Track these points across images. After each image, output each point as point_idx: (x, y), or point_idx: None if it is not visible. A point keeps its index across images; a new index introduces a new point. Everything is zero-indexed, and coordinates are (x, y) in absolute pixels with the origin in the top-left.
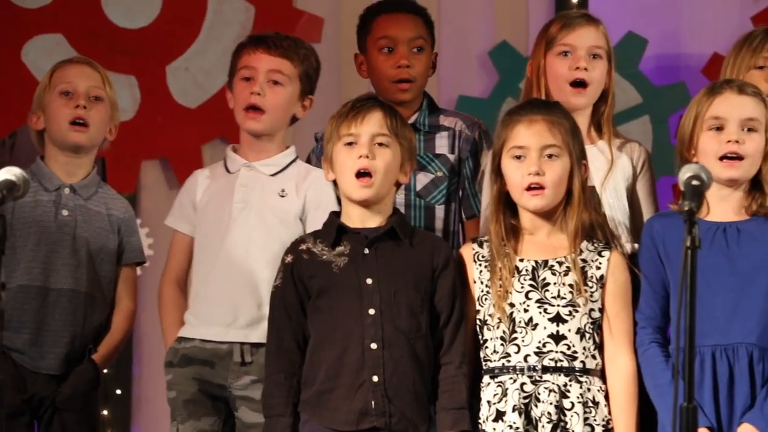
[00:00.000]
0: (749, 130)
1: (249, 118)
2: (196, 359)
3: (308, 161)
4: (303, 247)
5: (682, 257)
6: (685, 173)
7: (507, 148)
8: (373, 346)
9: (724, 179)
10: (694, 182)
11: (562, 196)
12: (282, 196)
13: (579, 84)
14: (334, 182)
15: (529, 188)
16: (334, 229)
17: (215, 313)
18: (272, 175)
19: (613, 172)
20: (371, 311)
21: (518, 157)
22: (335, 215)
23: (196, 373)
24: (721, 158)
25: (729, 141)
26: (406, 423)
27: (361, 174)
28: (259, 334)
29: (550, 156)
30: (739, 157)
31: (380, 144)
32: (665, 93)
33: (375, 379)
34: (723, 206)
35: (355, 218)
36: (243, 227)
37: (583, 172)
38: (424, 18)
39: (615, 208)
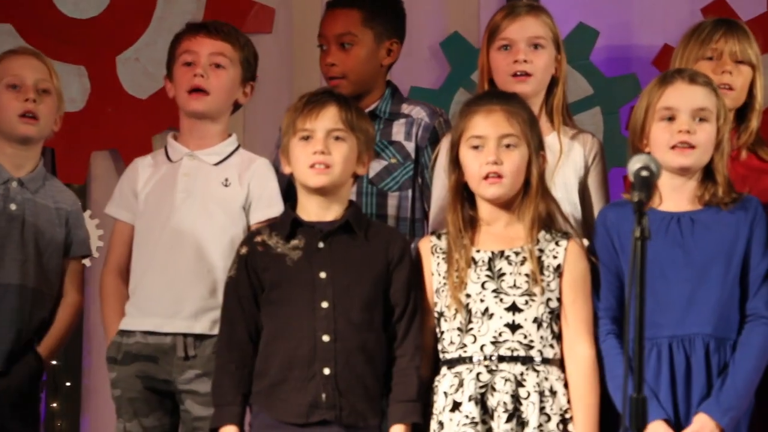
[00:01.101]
0: (701, 119)
1: (192, 99)
2: (140, 356)
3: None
4: (258, 239)
5: (631, 247)
6: (635, 164)
7: (465, 138)
8: (325, 338)
9: (676, 167)
10: (644, 173)
11: (520, 186)
12: (225, 186)
13: (522, 76)
14: (292, 175)
15: (486, 177)
16: (289, 222)
17: (157, 304)
18: (215, 165)
19: (562, 163)
20: (324, 304)
21: (476, 147)
22: (291, 208)
23: (140, 370)
24: (673, 147)
25: (680, 131)
26: (357, 416)
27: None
28: (203, 325)
29: (508, 146)
30: (691, 146)
31: (336, 138)
32: (616, 84)
33: (326, 371)
34: (676, 196)
35: (311, 211)
36: (186, 217)
37: (541, 163)
38: (363, 11)
39: (563, 200)
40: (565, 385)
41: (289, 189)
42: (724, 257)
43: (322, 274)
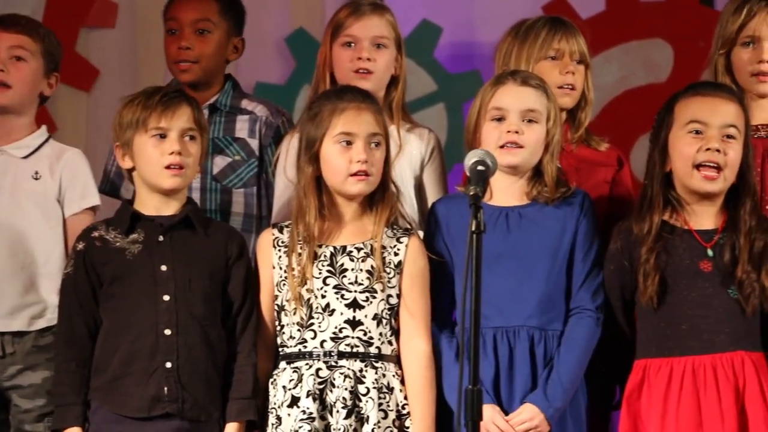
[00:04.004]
0: (530, 121)
1: None
2: None
3: None
4: (95, 234)
5: (467, 241)
6: (471, 158)
7: (332, 134)
8: (167, 332)
9: (504, 166)
10: (479, 167)
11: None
12: (36, 179)
13: (363, 73)
14: (130, 170)
15: (356, 174)
16: (128, 217)
17: None
18: (24, 158)
19: (399, 158)
20: (166, 297)
21: (347, 144)
22: (128, 203)
23: None
24: (502, 146)
25: (509, 131)
26: (199, 409)
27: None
28: (20, 322)
29: (376, 144)
30: (519, 146)
31: (190, 138)
32: (459, 81)
33: (168, 365)
34: (506, 192)
35: (150, 206)
36: None
37: (393, 160)
38: (220, 3)
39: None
40: (402, 381)
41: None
42: (549, 251)
43: (163, 267)
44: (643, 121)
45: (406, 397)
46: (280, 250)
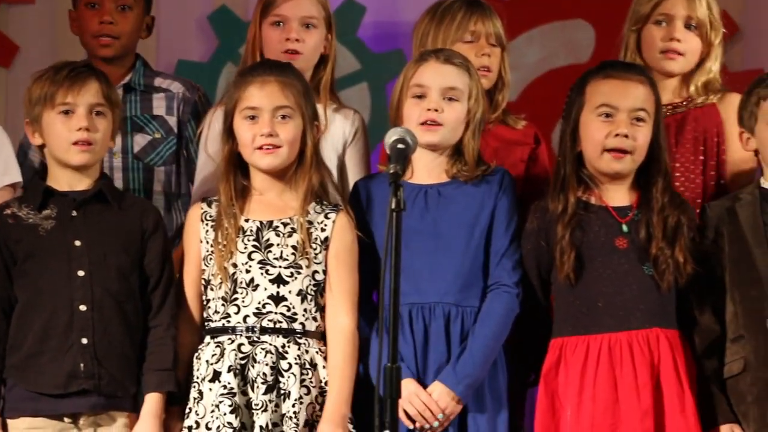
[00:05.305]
0: (450, 99)
1: None
2: None
3: None
4: (8, 211)
5: (387, 219)
6: (391, 136)
7: (240, 108)
8: (83, 308)
9: (424, 144)
10: (399, 145)
11: (295, 157)
12: None
13: (292, 53)
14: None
15: (261, 148)
16: (40, 192)
17: None
18: None
19: (324, 137)
20: (80, 273)
21: (252, 118)
22: (40, 178)
23: None
24: (422, 124)
25: (429, 109)
26: (116, 385)
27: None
28: None
29: (283, 117)
30: (438, 124)
31: (98, 113)
32: (383, 60)
33: (84, 341)
34: (426, 170)
35: (63, 181)
36: None
37: (315, 133)
38: None
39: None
40: (326, 358)
41: None
42: (466, 228)
43: (77, 243)
44: (564, 101)
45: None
46: (207, 224)
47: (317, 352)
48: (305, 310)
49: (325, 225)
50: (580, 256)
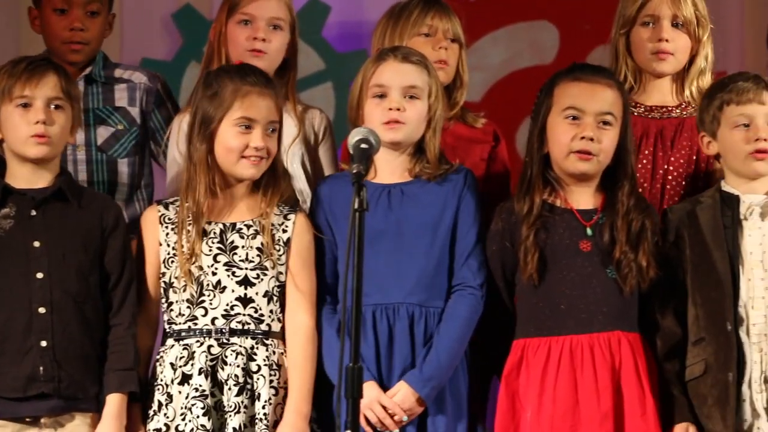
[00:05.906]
0: (411, 97)
1: None
2: None
3: None
4: None
5: (350, 219)
6: (354, 136)
7: (233, 116)
8: (42, 310)
9: (387, 143)
10: (363, 145)
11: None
12: None
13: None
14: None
15: (247, 158)
16: None
17: None
18: None
19: (298, 139)
20: (39, 275)
21: (246, 127)
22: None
23: None
24: (385, 123)
25: (390, 108)
26: (76, 387)
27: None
28: None
29: (272, 130)
30: (400, 123)
31: (56, 107)
32: (348, 59)
33: (43, 344)
34: (389, 169)
35: (21, 178)
36: None
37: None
38: None
39: (296, 176)
40: None
41: None
42: (430, 228)
43: (36, 243)
44: (528, 102)
45: None
46: (167, 227)
47: (282, 353)
48: (271, 311)
49: (286, 226)
50: (543, 258)
